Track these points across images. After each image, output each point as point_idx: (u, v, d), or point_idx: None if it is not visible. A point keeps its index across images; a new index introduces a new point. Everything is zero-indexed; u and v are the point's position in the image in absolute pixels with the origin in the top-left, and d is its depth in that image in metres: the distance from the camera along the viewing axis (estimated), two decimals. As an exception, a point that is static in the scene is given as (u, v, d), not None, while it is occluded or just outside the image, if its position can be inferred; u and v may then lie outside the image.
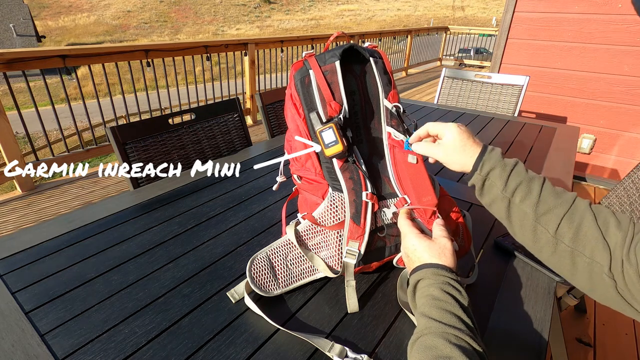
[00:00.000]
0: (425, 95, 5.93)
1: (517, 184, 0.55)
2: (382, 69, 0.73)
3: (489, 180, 0.57)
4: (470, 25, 28.28)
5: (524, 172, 0.56)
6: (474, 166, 0.58)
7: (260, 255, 0.70)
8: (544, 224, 0.52)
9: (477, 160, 0.58)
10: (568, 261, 0.51)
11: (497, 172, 0.56)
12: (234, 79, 4.08)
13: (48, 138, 2.79)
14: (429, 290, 0.51)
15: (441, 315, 0.47)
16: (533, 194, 0.54)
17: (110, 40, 34.86)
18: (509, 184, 0.55)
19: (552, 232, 0.52)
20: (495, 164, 0.57)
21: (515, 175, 0.56)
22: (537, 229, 0.53)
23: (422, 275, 0.54)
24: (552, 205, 0.53)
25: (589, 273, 0.49)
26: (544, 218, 0.53)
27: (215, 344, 0.60)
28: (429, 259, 0.55)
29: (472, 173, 0.58)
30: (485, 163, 0.57)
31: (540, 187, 0.54)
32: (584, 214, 0.51)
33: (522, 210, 0.54)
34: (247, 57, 3.89)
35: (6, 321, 0.63)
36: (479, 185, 0.58)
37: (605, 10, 2.53)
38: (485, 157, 0.57)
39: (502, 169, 0.56)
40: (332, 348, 0.59)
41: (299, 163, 0.73)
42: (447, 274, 0.52)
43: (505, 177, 0.56)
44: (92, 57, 2.74)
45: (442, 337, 0.44)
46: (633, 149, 2.74)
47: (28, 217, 2.24)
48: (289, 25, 43.59)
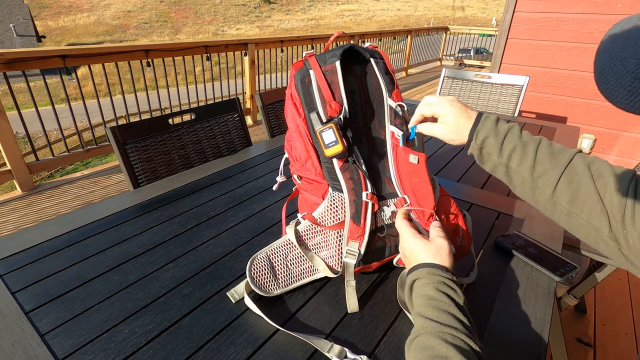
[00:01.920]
0: (425, 95, 5.92)
1: (512, 149, 0.55)
2: (384, 69, 0.73)
3: (484, 148, 0.58)
4: (470, 25, 28.27)
5: (517, 136, 0.56)
6: (469, 136, 0.59)
7: (260, 255, 0.70)
8: (541, 186, 0.53)
9: (471, 131, 0.58)
10: (566, 221, 0.52)
11: (491, 140, 0.57)
12: (234, 79, 4.08)
13: (48, 138, 2.79)
14: (424, 290, 0.51)
15: (437, 315, 0.47)
16: (528, 158, 0.54)
17: (110, 40, 34.86)
18: (504, 149, 0.56)
19: (549, 194, 0.53)
20: (489, 132, 0.57)
21: (509, 141, 0.56)
22: (536, 192, 0.54)
23: (418, 275, 0.54)
24: (547, 167, 0.53)
25: (589, 235, 0.50)
26: (540, 180, 0.53)
27: (215, 344, 0.60)
28: (425, 259, 0.56)
29: (469, 143, 0.59)
30: (479, 132, 0.58)
31: (535, 149, 0.55)
32: (582, 177, 0.51)
33: (519, 174, 0.55)
34: (247, 57, 3.89)
35: (6, 321, 0.63)
36: (477, 154, 0.59)
37: (605, 10, 2.53)
38: (479, 126, 0.58)
39: (495, 136, 0.57)
40: (332, 349, 0.59)
41: (299, 163, 0.73)
42: (442, 274, 0.53)
43: (499, 144, 0.56)
44: (92, 57, 2.74)
45: (439, 337, 0.44)
46: (633, 149, 2.74)
47: (28, 217, 2.24)
48: (289, 25, 43.59)
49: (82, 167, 7.41)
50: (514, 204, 1.08)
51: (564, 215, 0.52)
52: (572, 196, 0.51)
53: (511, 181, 0.57)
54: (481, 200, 1.09)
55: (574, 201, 0.51)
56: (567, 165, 0.52)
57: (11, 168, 2.43)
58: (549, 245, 0.86)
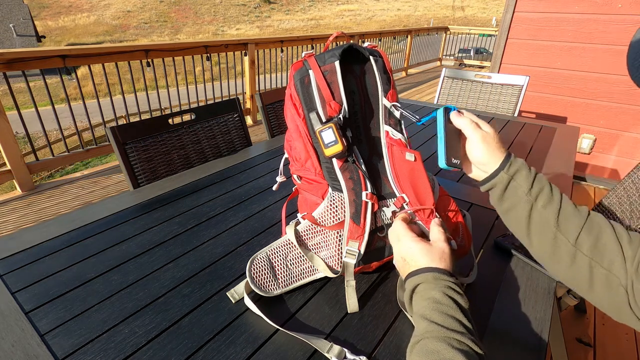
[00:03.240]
0: (425, 95, 5.93)
1: (540, 189, 0.55)
2: (382, 68, 0.73)
3: (514, 181, 0.56)
4: (470, 25, 28.28)
5: (545, 179, 0.57)
6: (500, 165, 0.57)
7: (260, 255, 0.70)
8: (564, 232, 0.53)
9: (504, 160, 0.57)
10: (586, 272, 0.51)
11: (523, 174, 0.56)
12: (234, 79, 4.08)
13: (48, 138, 2.79)
14: (430, 294, 0.51)
15: (443, 319, 0.47)
16: (555, 201, 0.54)
17: (110, 40, 34.86)
18: (534, 187, 0.55)
19: (572, 241, 0.52)
20: (521, 166, 0.57)
21: (539, 180, 0.56)
22: (558, 237, 0.53)
23: (421, 279, 0.53)
24: (571, 214, 0.53)
25: (607, 286, 0.49)
26: (564, 226, 0.53)
27: (215, 344, 0.60)
28: (429, 263, 0.54)
29: (497, 173, 0.58)
30: (512, 164, 0.57)
31: (560, 195, 0.55)
32: (602, 226, 0.52)
33: (544, 217, 0.54)
34: (247, 57, 3.89)
35: (6, 321, 0.63)
36: (503, 185, 0.57)
37: (605, 10, 2.53)
38: (512, 159, 0.58)
39: (528, 171, 0.57)
40: (331, 349, 0.59)
41: (299, 163, 0.73)
42: (448, 278, 0.52)
43: (531, 179, 0.56)
44: (92, 57, 2.74)
45: (444, 341, 0.44)
46: (633, 149, 2.74)
47: (28, 217, 2.24)
48: (289, 25, 43.58)
49: (82, 167, 7.41)
50: (513, 204, 1.08)
51: (584, 264, 0.51)
52: (594, 243, 0.50)
53: (530, 223, 0.55)
54: (481, 200, 1.09)
55: (595, 248, 0.50)
56: (589, 214, 0.53)
57: (11, 168, 2.43)
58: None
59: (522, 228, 0.57)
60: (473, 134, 0.59)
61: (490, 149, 0.58)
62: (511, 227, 0.59)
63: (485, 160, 0.58)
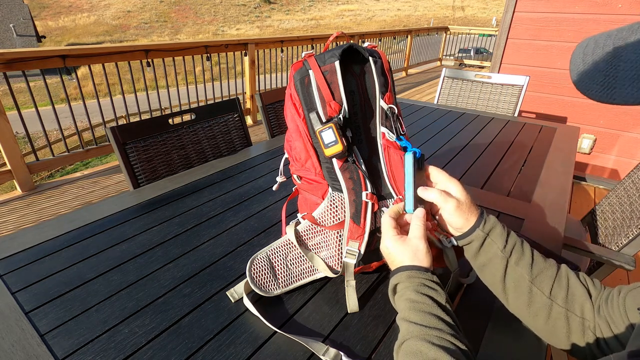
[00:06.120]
0: (425, 95, 5.93)
1: (513, 245, 0.56)
2: (381, 70, 0.73)
3: (489, 238, 0.57)
4: (470, 25, 28.27)
5: (515, 235, 0.58)
6: (476, 222, 0.58)
7: (260, 255, 0.70)
8: (538, 286, 0.54)
9: (479, 218, 0.58)
10: (563, 323, 0.52)
11: (498, 231, 0.57)
12: (234, 79, 4.08)
13: (48, 138, 2.79)
14: (405, 294, 0.51)
15: (421, 318, 0.47)
16: (526, 256, 0.55)
17: (110, 40, 34.86)
18: (508, 244, 0.56)
19: (547, 294, 0.53)
20: (495, 223, 0.58)
21: (512, 237, 0.57)
22: (533, 291, 0.54)
23: (398, 279, 0.54)
24: (542, 267, 0.55)
25: (583, 333, 0.51)
26: (538, 279, 0.54)
27: (215, 344, 0.60)
28: (405, 261, 0.55)
29: (473, 230, 0.58)
30: (487, 221, 0.58)
31: (531, 250, 0.56)
32: (568, 274, 0.54)
33: (517, 272, 0.55)
34: (247, 57, 3.89)
35: (6, 321, 0.63)
36: (479, 242, 0.57)
37: (605, 10, 2.53)
38: (486, 216, 0.59)
39: (503, 228, 0.58)
40: (327, 352, 0.59)
41: (299, 163, 0.73)
42: (420, 275, 0.52)
43: (505, 236, 0.57)
44: (92, 57, 2.74)
45: (425, 340, 0.44)
46: (633, 149, 2.74)
47: (28, 217, 2.24)
48: (289, 25, 43.59)
49: (82, 167, 7.41)
50: (514, 204, 1.08)
51: (561, 316, 0.52)
52: (566, 293, 0.52)
53: (505, 279, 0.56)
54: (481, 200, 1.09)
55: (567, 299, 0.52)
56: (558, 266, 0.55)
57: (11, 168, 2.43)
58: (549, 245, 0.86)
59: (498, 283, 0.57)
60: (445, 205, 0.59)
61: (464, 215, 0.58)
62: (487, 282, 0.59)
63: (460, 225, 0.59)
